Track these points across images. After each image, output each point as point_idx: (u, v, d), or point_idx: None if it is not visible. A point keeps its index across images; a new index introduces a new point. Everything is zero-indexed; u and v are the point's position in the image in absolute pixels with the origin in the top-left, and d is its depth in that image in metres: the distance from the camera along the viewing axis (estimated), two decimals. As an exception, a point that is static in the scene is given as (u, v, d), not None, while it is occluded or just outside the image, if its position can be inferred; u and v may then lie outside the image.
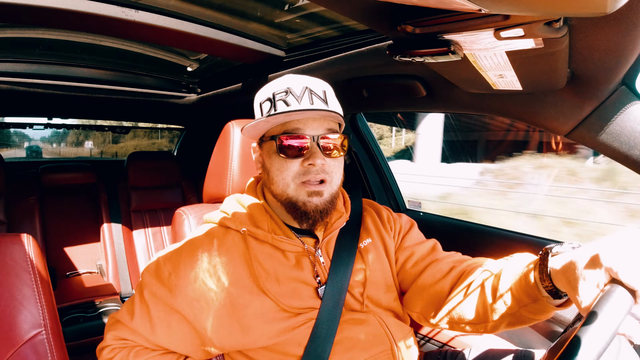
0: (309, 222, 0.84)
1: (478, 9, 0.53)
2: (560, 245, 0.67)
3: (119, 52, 1.74)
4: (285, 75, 0.88)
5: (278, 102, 0.82)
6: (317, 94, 0.84)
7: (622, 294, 0.50)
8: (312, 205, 0.82)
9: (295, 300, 0.82)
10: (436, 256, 0.96)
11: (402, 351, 0.87)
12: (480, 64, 0.87)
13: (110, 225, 2.42)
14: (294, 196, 0.83)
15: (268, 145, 0.85)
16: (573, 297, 0.58)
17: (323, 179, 0.82)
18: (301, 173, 0.82)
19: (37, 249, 0.87)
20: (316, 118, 0.82)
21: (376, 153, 1.91)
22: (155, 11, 1.26)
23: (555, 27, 0.63)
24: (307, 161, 0.80)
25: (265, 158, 0.86)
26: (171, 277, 0.79)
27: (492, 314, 0.76)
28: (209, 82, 2.20)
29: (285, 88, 0.83)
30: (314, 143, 0.81)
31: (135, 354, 0.81)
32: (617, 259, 0.52)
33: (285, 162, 0.81)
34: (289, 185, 0.82)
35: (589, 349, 0.46)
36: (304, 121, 0.81)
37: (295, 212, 0.84)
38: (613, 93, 0.91)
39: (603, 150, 0.96)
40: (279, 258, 0.85)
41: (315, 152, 0.80)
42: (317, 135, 0.81)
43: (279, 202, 0.87)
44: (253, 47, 1.49)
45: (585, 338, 0.47)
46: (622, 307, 0.49)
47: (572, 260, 0.59)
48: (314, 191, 0.82)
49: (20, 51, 1.78)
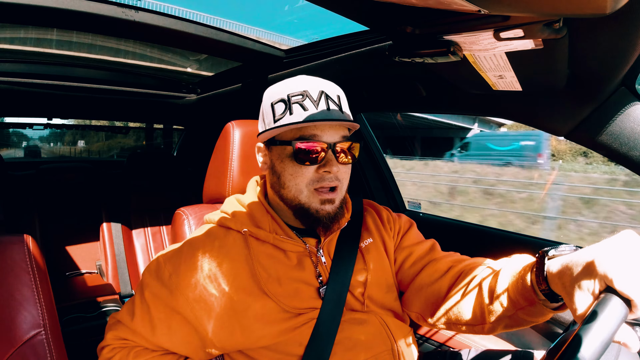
0: (319, 228, 0.84)
1: (477, 10, 0.53)
2: (557, 247, 0.66)
3: (119, 52, 1.74)
4: (299, 77, 0.86)
5: (294, 105, 0.80)
6: (333, 99, 0.83)
7: (617, 303, 0.49)
8: (325, 212, 0.82)
9: (296, 301, 0.81)
10: (434, 256, 0.96)
11: (402, 351, 0.87)
12: (480, 65, 0.88)
13: (109, 225, 2.41)
14: (306, 203, 0.82)
15: (280, 149, 0.83)
16: (568, 303, 0.57)
17: (335, 185, 0.82)
18: (315, 180, 0.81)
19: (37, 250, 0.87)
20: (333, 125, 0.81)
21: (376, 153, 1.91)
22: (155, 12, 1.26)
23: (554, 28, 0.63)
24: (323, 168, 0.80)
25: (276, 161, 0.85)
26: (172, 278, 0.79)
27: (489, 315, 0.76)
28: (209, 83, 2.20)
29: (301, 91, 0.81)
30: (330, 150, 0.80)
31: (135, 354, 0.80)
32: (612, 266, 0.51)
33: (300, 168, 0.80)
34: (302, 192, 0.82)
35: (583, 357, 0.46)
36: (321, 127, 0.80)
37: (307, 219, 0.83)
38: (613, 94, 0.91)
39: (603, 151, 0.96)
40: (281, 258, 0.84)
41: (331, 160, 0.80)
42: (333, 143, 0.80)
43: (286, 206, 0.86)
44: (253, 47, 1.49)
45: (578, 347, 0.46)
46: (616, 317, 0.48)
47: (567, 265, 0.58)
48: (327, 199, 0.82)
49: (20, 51, 1.78)
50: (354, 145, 0.84)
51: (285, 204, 0.86)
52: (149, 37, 1.39)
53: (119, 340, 0.82)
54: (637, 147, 0.88)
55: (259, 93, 0.94)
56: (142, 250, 2.44)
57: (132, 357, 0.80)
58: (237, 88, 1.94)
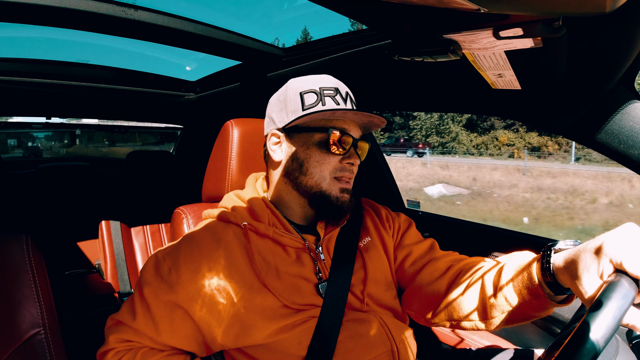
0: (334, 217, 0.88)
1: (477, 8, 0.53)
2: (561, 242, 0.68)
3: (118, 50, 1.74)
4: (324, 75, 0.91)
5: (326, 98, 0.85)
6: (354, 101, 0.90)
7: (627, 283, 0.50)
8: (344, 199, 0.86)
9: (295, 296, 0.81)
10: (434, 255, 0.96)
11: (402, 352, 0.87)
12: (479, 64, 0.88)
13: (108, 223, 2.41)
14: (327, 189, 0.85)
15: (306, 137, 0.86)
16: (576, 289, 0.58)
17: (351, 177, 0.88)
18: (338, 169, 0.86)
19: (36, 249, 0.87)
20: (356, 122, 0.87)
21: (375, 152, 1.91)
22: (154, 10, 1.26)
23: (554, 27, 0.63)
24: (348, 160, 0.86)
25: (299, 148, 0.86)
26: (171, 273, 0.78)
27: (492, 310, 0.76)
28: (208, 81, 2.20)
29: (332, 86, 0.87)
30: (354, 145, 0.86)
31: (142, 355, 0.78)
32: (621, 248, 0.53)
33: (328, 156, 0.84)
34: (325, 179, 0.85)
35: (594, 338, 0.46)
36: (348, 123, 0.86)
37: (324, 206, 0.86)
38: (612, 92, 0.91)
39: (601, 150, 0.96)
40: (280, 253, 0.84)
41: (354, 154, 0.86)
42: (357, 138, 0.87)
43: (300, 194, 0.88)
44: (252, 46, 1.49)
45: (590, 327, 0.47)
46: (626, 296, 0.48)
47: (575, 253, 0.60)
48: (346, 188, 0.87)
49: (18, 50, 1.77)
50: (366, 145, 0.92)
51: (302, 191, 0.87)
52: (148, 35, 1.39)
53: (122, 342, 0.80)
54: (635, 146, 0.89)
55: (258, 92, 0.94)
56: (141, 249, 2.44)
57: (140, 359, 0.78)
58: (236, 87, 1.94)
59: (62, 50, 10.76)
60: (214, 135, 1.15)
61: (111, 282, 2.32)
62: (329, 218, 0.88)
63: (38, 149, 7.68)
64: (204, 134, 2.90)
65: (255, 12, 79.84)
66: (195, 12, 1.31)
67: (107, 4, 1.16)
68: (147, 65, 2.17)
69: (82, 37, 1.59)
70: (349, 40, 1.32)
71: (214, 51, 1.55)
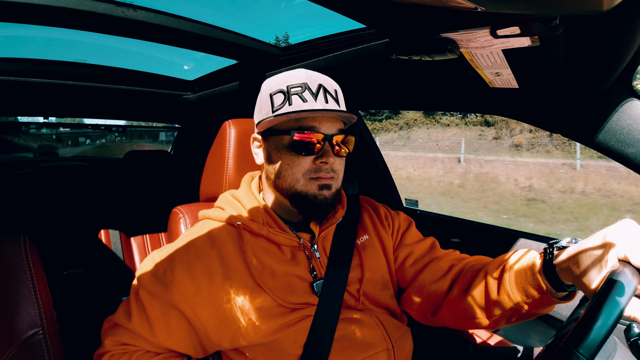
0: (316, 215, 0.85)
1: (474, 7, 0.53)
2: (565, 240, 0.69)
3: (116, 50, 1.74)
4: (298, 70, 0.87)
5: (293, 97, 0.81)
6: (331, 93, 0.84)
7: (630, 272, 0.51)
8: (323, 197, 0.83)
9: (290, 295, 0.81)
10: (435, 254, 0.96)
11: (399, 351, 0.87)
12: (477, 62, 0.88)
13: (106, 223, 2.41)
14: (303, 190, 0.83)
15: (277, 139, 0.84)
16: (580, 283, 0.60)
17: (332, 176, 0.84)
18: (312, 170, 0.82)
19: (34, 249, 0.87)
20: (330, 117, 0.82)
21: (373, 151, 1.91)
22: (153, 10, 1.26)
23: (551, 25, 0.63)
24: (320, 159, 0.81)
25: (272, 151, 0.85)
26: (167, 274, 0.78)
27: (494, 308, 0.77)
28: (206, 81, 2.20)
29: (300, 83, 0.82)
30: (327, 142, 0.81)
31: (137, 358, 0.78)
32: (625, 241, 0.55)
33: (297, 158, 0.81)
34: (298, 181, 0.82)
35: (598, 327, 0.47)
36: (319, 119, 0.81)
37: (304, 206, 0.84)
38: (609, 91, 0.91)
39: (599, 148, 0.97)
40: (274, 252, 0.84)
41: (328, 151, 0.81)
42: (330, 135, 0.82)
43: (281, 196, 0.86)
44: (250, 45, 1.49)
45: (594, 316, 0.47)
46: (630, 285, 0.50)
47: (578, 249, 0.62)
48: (325, 184, 0.83)
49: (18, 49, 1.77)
50: (349, 138, 0.86)
51: (282, 194, 0.86)
52: (146, 35, 1.39)
53: (118, 345, 0.79)
54: (633, 144, 0.89)
55: (255, 91, 0.94)
56: (139, 249, 2.44)
57: None
58: (233, 86, 1.93)
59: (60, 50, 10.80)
60: (212, 134, 1.15)
61: (109, 281, 2.32)
62: (313, 216, 0.86)
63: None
64: (202, 132, 2.90)
65: (253, 11, 79.59)
66: (193, 12, 1.31)
67: (106, 3, 1.16)
68: (145, 65, 2.16)
69: (80, 37, 1.59)
70: (346, 39, 1.31)
71: (211, 50, 1.55)
